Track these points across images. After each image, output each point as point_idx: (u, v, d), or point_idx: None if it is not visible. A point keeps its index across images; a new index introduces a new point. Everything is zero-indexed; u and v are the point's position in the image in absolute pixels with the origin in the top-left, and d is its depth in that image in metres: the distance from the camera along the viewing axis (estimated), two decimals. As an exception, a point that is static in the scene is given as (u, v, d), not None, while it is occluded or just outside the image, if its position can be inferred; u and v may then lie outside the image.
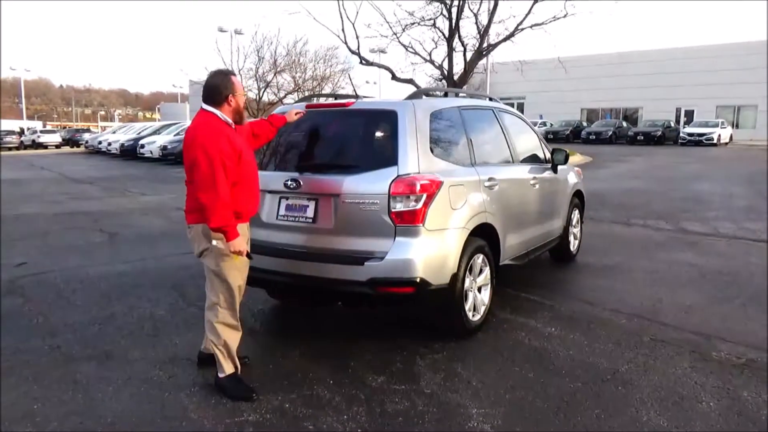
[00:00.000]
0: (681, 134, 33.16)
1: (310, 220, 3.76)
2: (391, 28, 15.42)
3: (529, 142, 5.42)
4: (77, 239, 7.96)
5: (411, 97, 3.99)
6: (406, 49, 15.83)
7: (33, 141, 41.03)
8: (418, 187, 3.54)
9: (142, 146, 25.44)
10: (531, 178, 5.08)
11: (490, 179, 4.30)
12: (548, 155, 5.66)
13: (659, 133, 32.96)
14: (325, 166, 3.87)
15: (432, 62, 15.81)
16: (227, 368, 3.31)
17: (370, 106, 4.10)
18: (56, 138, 42.73)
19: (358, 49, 14.28)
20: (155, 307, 4.89)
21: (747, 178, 15.02)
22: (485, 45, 14.40)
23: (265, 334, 4.37)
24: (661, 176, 15.32)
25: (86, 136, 41.22)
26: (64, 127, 61.68)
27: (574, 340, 4.08)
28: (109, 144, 29.60)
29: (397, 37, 15.59)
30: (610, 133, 35.07)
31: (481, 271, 4.18)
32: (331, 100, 4.65)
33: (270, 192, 3.93)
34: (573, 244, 6.34)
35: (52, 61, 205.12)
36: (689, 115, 41.14)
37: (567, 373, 3.54)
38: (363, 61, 14.44)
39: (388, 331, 4.31)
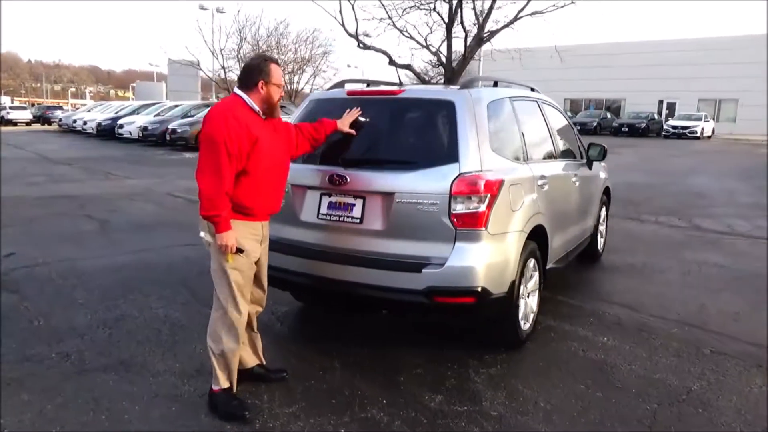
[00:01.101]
0: (665, 127, 33.40)
1: (357, 220, 3.39)
2: (386, 11, 14.96)
3: (568, 136, 5.11)
4: (65, 227, 7.44)
5: (464, 86, 3.62)
6: (402, 33, 15.39)
7: (2, 117, 39.39)
8: (481, 187, 3.19)
9: (121, 126, 24.54)
10: (573, 175, 4.78)
11: (542, 177, 3.98)
12: (583, 150, 5.37)
13: (643, 125, 33.13)
14: (374, 161, 3.49)
15: (428, 48, 15.41)
16: (222, 381, 2.97)
17: (424, 95, 3.72)
18: (26, 115, 41.16)
19: (357, 32, 13.82)
20: (167, 308, 4.48)
21: (743, 174, 15.02)
22: (485, 32, 14.04)
23: (295, 340, 4.00)
24: (655, 169, 15.23)
25: (58, 113, 39.79)
26: (33, 104, 59.52)
27: (631, 351, 3.81)
28: (85, 123, 28.48)
29: (393, 22, 15.14)
30: (595, 124, 35.14)
31: (531, 277, 3.87)
32: (361, 87, 4.25)
33: (310, 188, 3.55)
34: (599, 243, 6.09)
35: (19, 34, 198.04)
36: (671, 107, 41.50)
37: (638, 392, 3.26)
38: (361, 45, 13.96)
39: (427, 338, 3.98)
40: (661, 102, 42.30)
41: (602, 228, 6.18)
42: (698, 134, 31.60)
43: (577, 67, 40.56)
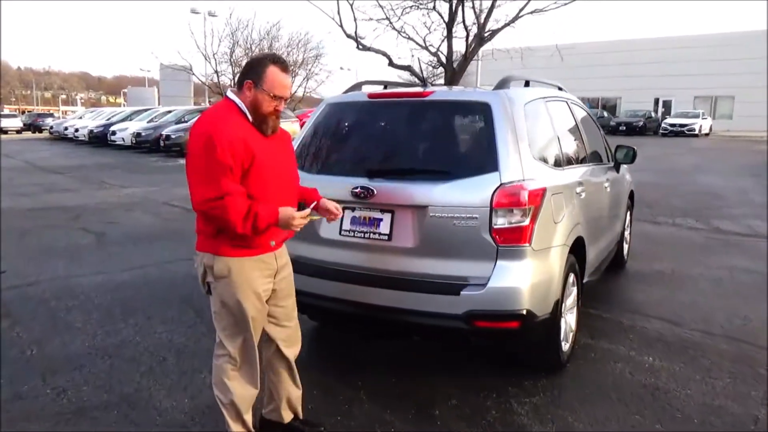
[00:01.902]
0: (663, 125, 33.20)
1: (385, 237, 3.06)
2: (384, 12, 14.63)
3: (596, 138, 4.80)
4: (60, 240, 7.07)
5: (498, 86, 3.29)
6: (399, 34, 15.07)
7: (-8, 126, 38.86)
8: (525, 198, 2.86)
9: (114, 133, 24.13)
10: (605, 179, 4.47)
11: (579, 184, 3.67)
12: (610, 152, 5.06)
13: (641, 123, 32.93)
14: (403, 171, 3.15)
15: (427, 48, 15.08)
16: (234, 428, 2.54)
17: (456, 97, 3.39)
18: (17, 122, 40.61)
19: (356, 33, 13.49)
20: (172, 332, 4.14)
21: (749, 172, 14.77)
22: (486, 31, 13.74)
23: (315, 367, 3.63)
24: (660, 168, 14.92)
25: (49, 120, 39.27)
26: (23, 111, 58.85)
27: (682, 373, 3.49)
28: (77, 130, 28.06)
29: (391, 22, 14.81)
30: (592, 122, 34.89)
31: (569, 293, 3.55)
32: (379, 89, 3.92)
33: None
34: (624, 249, 5.79)
35: (8, 41, 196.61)
36: (667, 105, 41.36)
37: (700, 423, 2.94)
38: (360, 46, 13.63)
39: (457, 362, 3.65)
40: (657, 100, 42.15)
41: (627, 234, 5.87)
42: (696, 132, 31.44)
43: (572, 65, 40.32)
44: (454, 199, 2.90)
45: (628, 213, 5.83)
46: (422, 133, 3.29)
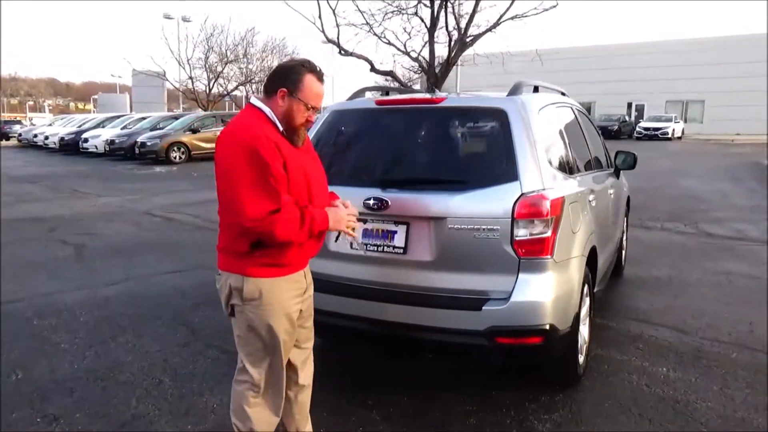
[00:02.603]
0: (637, 129, 33.76)
1: (401, 251, 2.91)
2: (364, 17, 14.53)
3: (598, 144, 4.73)
4: (38, 254, 6.77)
5: (512, 92, 3.18)
6: (380, 39, 14.98)
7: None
8: (547, 208, 2.75)
9: (86, 140, 23.55)
10: (609, 186, 4.40)
11: (591, 191, 3.58)
12: (610, 158, 5.01)
13: (615, 127, 33.42)
14: (418, 181, 3.01)
15: (408, 54, 15.02)
16: None
17: (471, 103, 3.28)
18: (-17, 130, 39.39)
19: (338, 38, 13.34)
20: (166, 351, 3.93)
21: (727, 174, 15.02)
22: (468, 36, 13.72)
23: (322, 386, 3.42)
24: (640, 172, 14.85)
25: (17, 128, 38.21)
26: (-10, 119, 57.20)
27: (699, 384, 3.41)
28: (47, 137, 27.31)
29: (371, 27, 14.72)
30: (567, 127, 35.29)
31: (583, 304, 3.45)
32: (388, 95, 3.79)
33: (341, 213, 3.06)
34: (623, 255, 5.74)
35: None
36: (640, 109, 42.07)
37: (727, 437, 2.86)
38: (342, 52, 13.48)
39: (467, 377, 3.52)
40: (630, 104, 42.84)
41: (624, 239, 5.83)
42: (669, 135, 32.03)
43: (545, 71, 40.89)
44: (475, 210, 2.77)
45: (625, 219, 5.78)
46: (436, 141, 3.16)
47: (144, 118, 24.80)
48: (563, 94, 4.31)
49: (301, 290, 2.30)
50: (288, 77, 2.16)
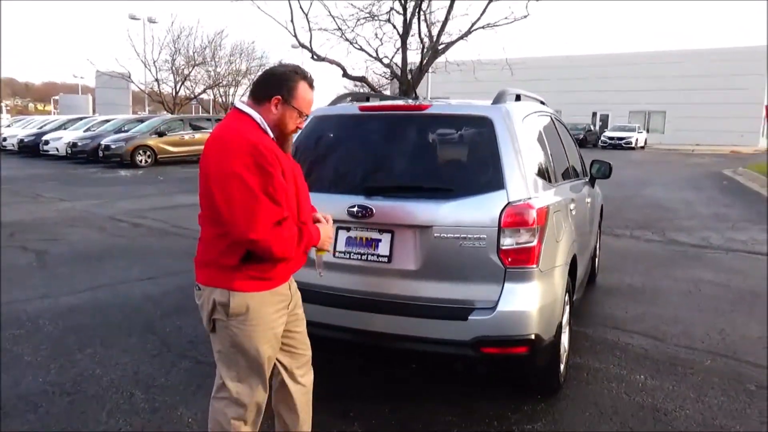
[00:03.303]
0: (602, 138, 34.48)
1: (385, 259, 2.86)
2: (336, 22, 14.48)
3: (574, 153, 4.77)
4: (-3, 261, 6.48)
5: (496, 100, 3.17)
6: (352, 45, 14.93)
7: None
8: (533, 218, 2.74)
9: (47, 142, 22.80)
10: (587, 195, 4.44)
11: (572, 200, 3.60)
12: (586, 167, 5.06)
13: (581, 136, 34.05)
14: (403, 189, 2.97)
15: (380, 60, 15.01)
16: None
17: (456, 111, 3.25)
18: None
19: (310, 43, 13.24)
20: (136, 363, 3.79)
21: (689, 184, 15.42)
22: (441, 43, 13.79)
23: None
24: (608, 181, 15.27)
25: (-28, 129, 36.83)
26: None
27: (677, 392, 3.45)
28: (5, 139, 26.35)
29: (343, 33, 14.67)
30: (534, 135, 35.84)
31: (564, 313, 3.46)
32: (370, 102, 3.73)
33: (324, 221, 2.99)
34: (596, 263, 5.80)
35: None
36: (604, 119, 43.02)
37: (707, 445, 2.89)
38: (314, 57, 13.38)
39: (449, 387, 3.47)
40: (594, 114, 43.79)
41: (597, 247, 5.90)
42: (633, 145, 32.81)
43: (514, 80, 41.46)
44: (461, 219, 2.74)
45: (599, 227, 5.85)
46: (422, 148, 3.13)
47: (108, 121, 24.16)
48: (542, 103, 4.34)
49: (285, 303, 2.23)
50: (283, 84, 2.10)
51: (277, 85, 2.10)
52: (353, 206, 2.86)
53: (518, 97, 3.62)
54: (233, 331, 2.10)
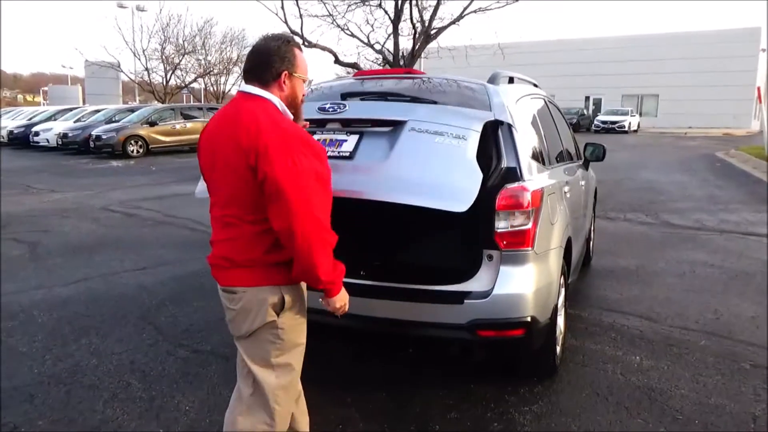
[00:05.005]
0: (595, 122, 34.46)
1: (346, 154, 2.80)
2: (327, 8, 14.36)
3: (568, 136, 4.76)
4: (-11, 253, 6.43)
5: (489, 82, 3.15)
6: (343, 31, 14.84)
7: None
8: (528, 200, 2.73)
9: (37, 134, 22.59)
10: (581, 178, 4.44)
11: (566, 183, 3.59)
12: (579, 149, 5.05)
13: (575, 120, 34.00)
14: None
15: (372, 46, 14.92)
16: None
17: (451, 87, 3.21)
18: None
19: (301, 29, 13.14)
20: (133, 352, 3.78)
21: (682, 167, 15.47)
22: (432, 28, 13.71)
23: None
24: (601, 164, 15.28)
25: (-39, 121, 36.42)
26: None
27: (672, 372, 3.47)
28: (-6, 131, 26.10)
29: (334, 19, 14.56)
30: (527, 120, 35.78)
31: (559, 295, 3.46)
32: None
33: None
34: (590, 246, 5.81)
35: None
36: (597, 103, 42.98)
37: (703, 424, 2.90)
38: (306, 43, 13.27)
39: (445, 371, 3.47)
40: (587, 98, 43.72)
41: (591, 230, 5.90)
42: (626, 128, 32.82)
43: (507, 64, 41.30)
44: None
45: (593, 210, 5.86)
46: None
47: (98, 111, 23.96)
48: (535, 85, 4.32)
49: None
50: (285, 58, 2.01)
51: (279, 61, 2.01)
52: (325, 103, 2.80)
53: (511, 80, 3.60)
54: (282, 329, 2.02)
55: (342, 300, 2.07)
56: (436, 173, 2.51)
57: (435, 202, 2.40)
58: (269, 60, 2.00)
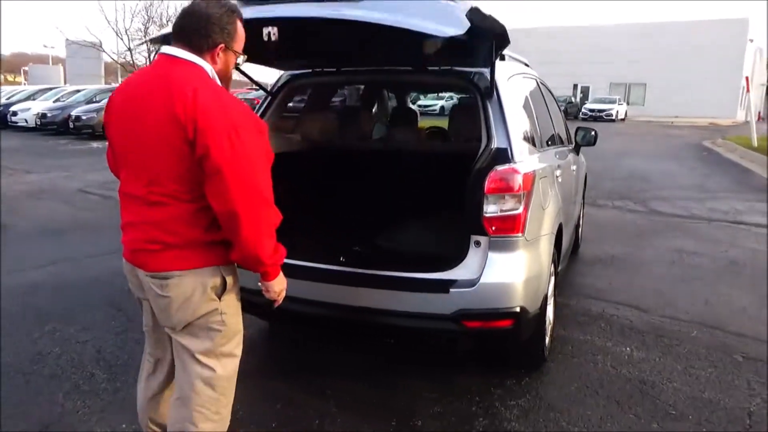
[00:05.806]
0: (583, 110, 34.42)
1: None
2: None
3: (559, 119, 4.59)
4: (-45, 235, 6.16)
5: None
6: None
7: None
8: (519, 183, 2.56)
9: (15, 113, 21.98)
10: (572, 162, 4.28)
11: (558, 167, 3.43)
12: (571, 134, 4.90)
13: (563, 108, 33.79)
14: None
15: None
16: None
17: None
18: None
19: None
20: (99, 340, 3.58)
21: (669, 155, 15.45)
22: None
23: (273, 377, 3.18)
24: (589, 152, 15.15)
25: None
26: None
27: (663, 364, 3.35)
28: (-28, 111, 25.41)
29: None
30: (515, 107, 35.67)
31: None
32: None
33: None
34: (580, 233, 5.68)
35: None
36: (585, 91, 42.92)
37: (695, 419, 2.78)
38: None
39: (428, 363, 3.33)
40: (575, 86, 43.63)
41: (580, 217, 5.77)
42: (614, 117, 32.84)
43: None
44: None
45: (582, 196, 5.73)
46: None
47: (78, 91, 23.38)
48: (526, 65, 4.13)
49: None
50: (224, 29, 1.79)
51: (219, 31, 1.78)
52: None
53: (503, 57, 3.41)
54: (226, 314, 1.87)
55: (281, 284, 1.91)
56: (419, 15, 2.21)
57: (427, 25, 2.11)
58: (207, 27, 1.77)
